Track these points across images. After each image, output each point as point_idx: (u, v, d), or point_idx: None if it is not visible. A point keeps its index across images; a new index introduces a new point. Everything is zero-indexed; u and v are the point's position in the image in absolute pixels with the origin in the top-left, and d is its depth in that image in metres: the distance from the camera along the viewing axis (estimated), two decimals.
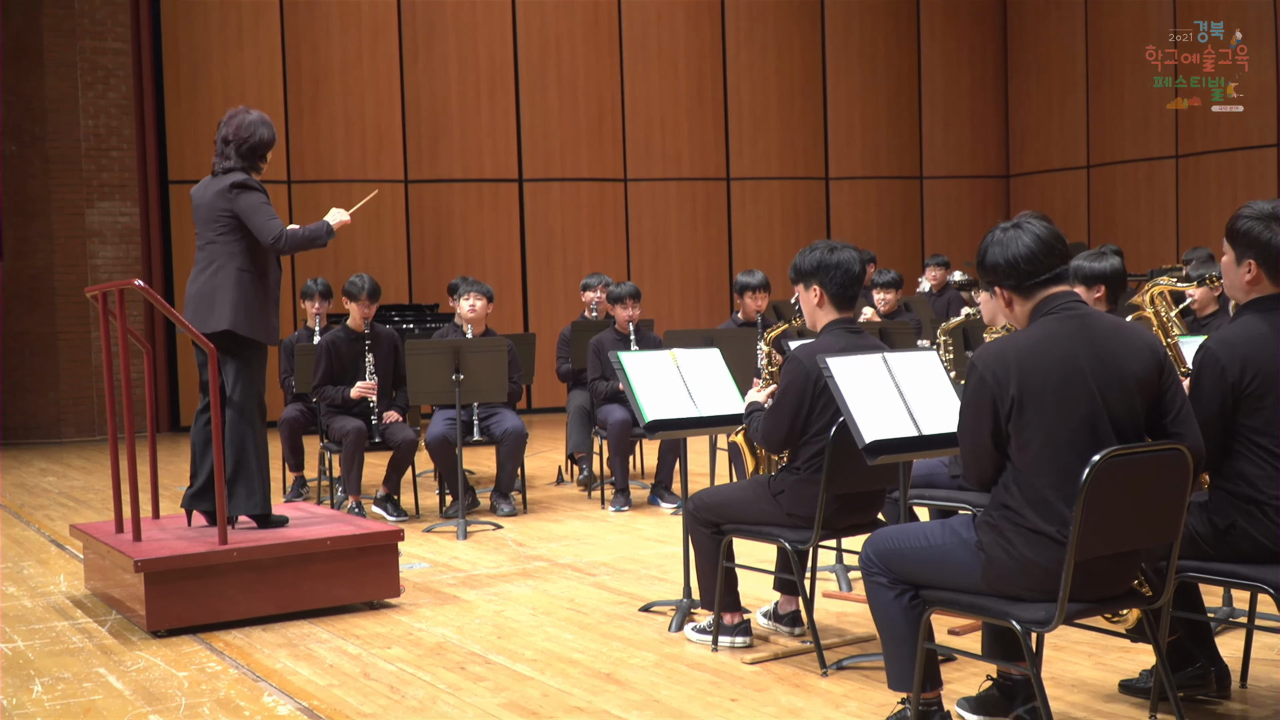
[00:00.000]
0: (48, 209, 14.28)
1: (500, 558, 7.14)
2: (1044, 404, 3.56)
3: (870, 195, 17.48)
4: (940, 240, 17.63)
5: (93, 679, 4.94)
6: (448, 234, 15.90)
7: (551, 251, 16.24)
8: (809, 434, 4.83)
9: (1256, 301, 4.07)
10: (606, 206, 16.46)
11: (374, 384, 8.28)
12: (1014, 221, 3.80)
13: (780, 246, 17.03)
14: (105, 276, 14.47)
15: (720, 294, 16.79)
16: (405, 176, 15.79)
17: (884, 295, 10.44)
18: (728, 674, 4.81)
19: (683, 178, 16.70)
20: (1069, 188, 17.19)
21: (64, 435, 14.29)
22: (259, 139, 6.10)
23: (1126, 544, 3.65)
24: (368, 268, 15.40)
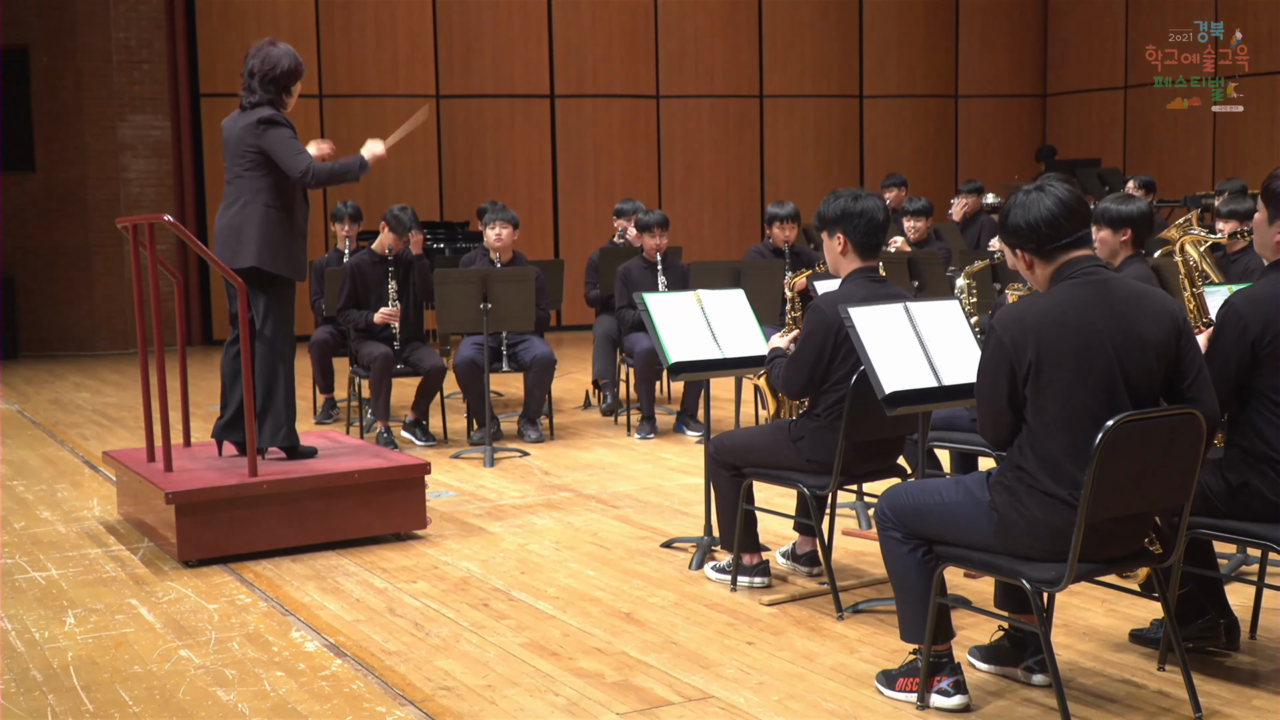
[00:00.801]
0: (79, 122, 14.34)
1: (526, 487, 7.24)
2: (1061, 369, 3.59)
3: (904, 114, 17.36)
4: (974, 161, 17.52)
5: (125, 610, 5.06)
6: (479, 150, 15.88)
7: (583, 168, 16.21)
8: (830, 382, 4.87)
9: None
10: (639, 123, 16.40)
11: (396, 310, 8.34)
12: (1037, 184, 3.80)
13: (813, 166, 16.97)
14: (137, 190, 14.59)
15: (751, 213, 16.76)
16: (437, 91, 15.75)
17: (914, 223, 10.41)
18: (745, 616, 4.90)
19: (716, 95, 16.62)
20: (1106, 108, 17.01)
21: (98, 348, 14.47)
22: (282, 70, 6.10)
23: (1138, 507, 3.70)
24: (399, 184, 15.47)
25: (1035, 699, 4.04)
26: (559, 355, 13.32)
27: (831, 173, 17.06)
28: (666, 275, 8.83)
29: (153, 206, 14.61)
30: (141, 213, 14.56)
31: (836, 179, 17.02)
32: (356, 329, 8.46)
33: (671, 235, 16.19)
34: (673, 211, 16.44)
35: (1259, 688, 4.12)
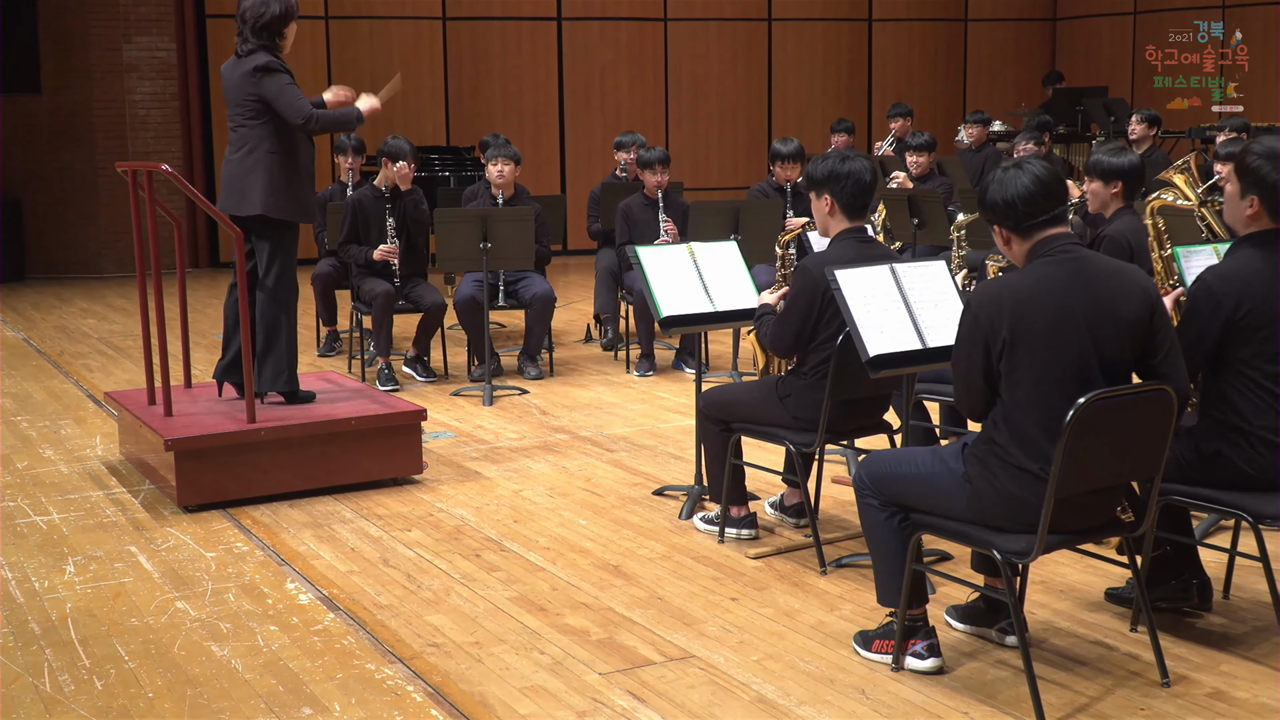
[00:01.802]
0: (85, 44, 14.29)
1: (523, 427, 7.33)
2: (1035, 346, 3.65)
3: (914, 38, 17.23)
4: (983, 86, 17.42)
5: (124, 558, 5.18)
6: (486, 74, 15.82)
7: (590, 93, 16.14)
8: (816, 341, 4.93)
9: (1255, 235, 4.13)
10: (646, 47, 16.30)
11: (395, 247, 8.37)
12: (1014, 161, 3.83)
13: (821, 91, 16.88)
14: (143, 112, 14.57)
15: (759, 139, 16.71)
16: (444, 14, 15.66)
17: (916, 158, 10.40)
18: (731, 569, 4.99)
19: (724, 18, 16.49)
20: (1115, 33, 16.86)
21: (105, 270, 14.53)
22: (270, 15, 6.09)
23: (1108, 480, 3.77)
24: (404, 109, 15.43)
25: (1008, 661, 4.13)
26: (564, 282, 13.43)
27: (840, 97, 16.97)
28: (668, 212, 8.84)
29: (158, 129, 14.62)
30: (148, 135, 14.62)
31: (845, 104, 16.94)
32: (357, 264, 8.52)
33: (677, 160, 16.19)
34: (679, 136, 16.43)
35: (1228, 651, 4.21)
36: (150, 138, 14.65)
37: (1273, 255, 4.05)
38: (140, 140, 14.58)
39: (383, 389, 8.22)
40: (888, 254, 5.00)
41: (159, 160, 14.66)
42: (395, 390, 8.22)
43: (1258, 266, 4.03)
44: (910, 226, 9.18)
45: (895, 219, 9.51)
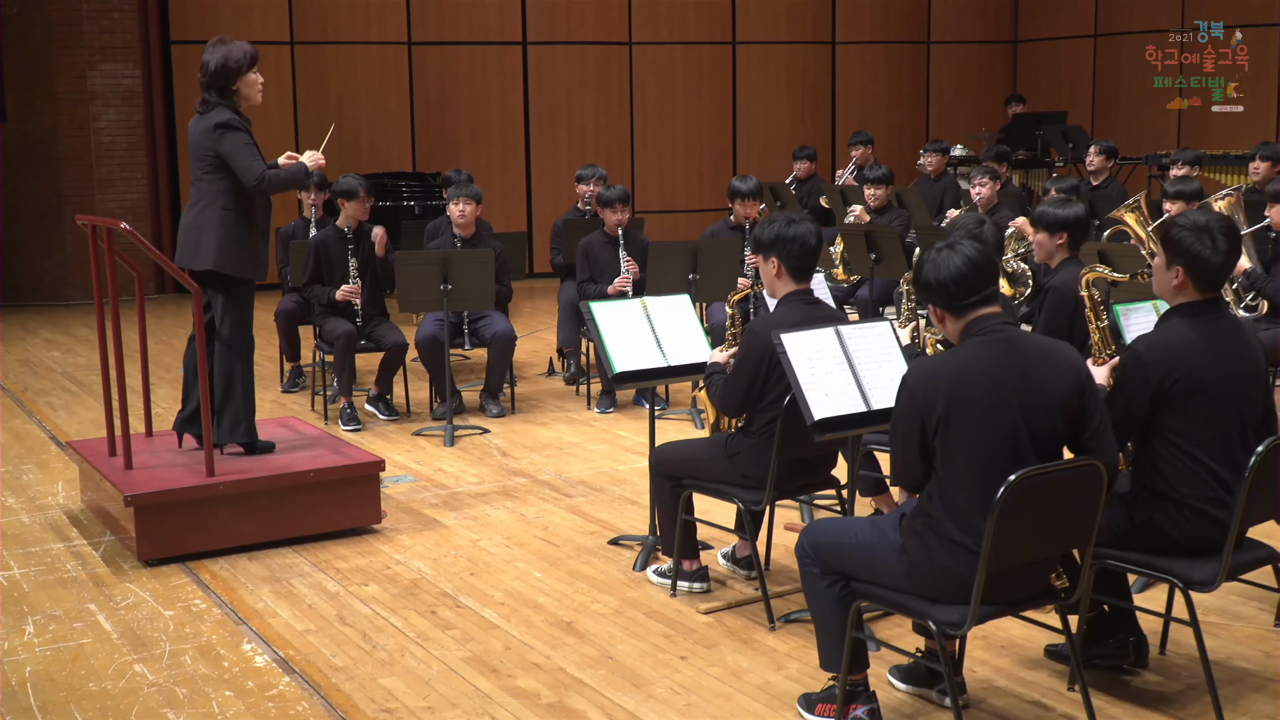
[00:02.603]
0: (50, 71, 14.31)
1: (483, 470, 7.42)
2: (969, 425, 3.76)
3: (877, 60, 17.38)
4: (946, 108, 17.59)
5: (83, 617, 5.24)
6: (452, 98, 15.90)
7: (555, 116, 16.24)
8: (764, 401, 5.03)
9: (1183, 307, 4.24)
10: (611, 70, 16.41)
11: (357, 288, 8.45)
12: (948, 241, 3.94)
13: (786, 113, 17.02)
14: (108, 139, 14.60)
15: (724, 161, 16.83)
16: (409, 38, 15.73)
17: (874, 191, 10.53)
18: (681, 625, 5.09)
19: (689, 41, 16.61)
20: (1076, 56, 17.05)
21: (70, 298, 14.54)
22: (216, 67, 6.15)
23: (1041, 553, 3.89)
24: (371, 132, 15.52)
25: None
26: (528, 308, 13.52)
27: (805, 119, 17.12)
28: (628, 250, 8.94)
29: (123, 156, 14.64)
30: (113, 162, 14.65)
31: (810, 126, 17.09)
32: (320, 304, 8.59)
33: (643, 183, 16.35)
34: (645, 159, 16.55)
35: (1162, 710, 4.34)
36: (115, 165, 14.68)
37: (1202, 326, 4.18)
38: (106, 167, 14.61)
39: (345, 429, 8.33)
40: (833, 315, 5.11)
41: (125, 187, 14.77)
42: (358, 430, 8.32)
43: (1187, 336, 4.15)
44: (868, 261, 9.30)
45: (853, 253, 9.64)
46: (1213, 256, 4.15)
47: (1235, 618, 5.07)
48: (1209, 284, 4.21)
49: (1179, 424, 4.15)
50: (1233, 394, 4.17)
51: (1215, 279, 4.21)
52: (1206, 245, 4.15)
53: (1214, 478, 4.15)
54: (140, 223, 14.91)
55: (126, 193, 14.80)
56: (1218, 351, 4.15)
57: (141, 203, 14.89)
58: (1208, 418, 4.14)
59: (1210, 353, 4.14)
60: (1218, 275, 4.20)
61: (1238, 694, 4.44)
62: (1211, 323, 4.20)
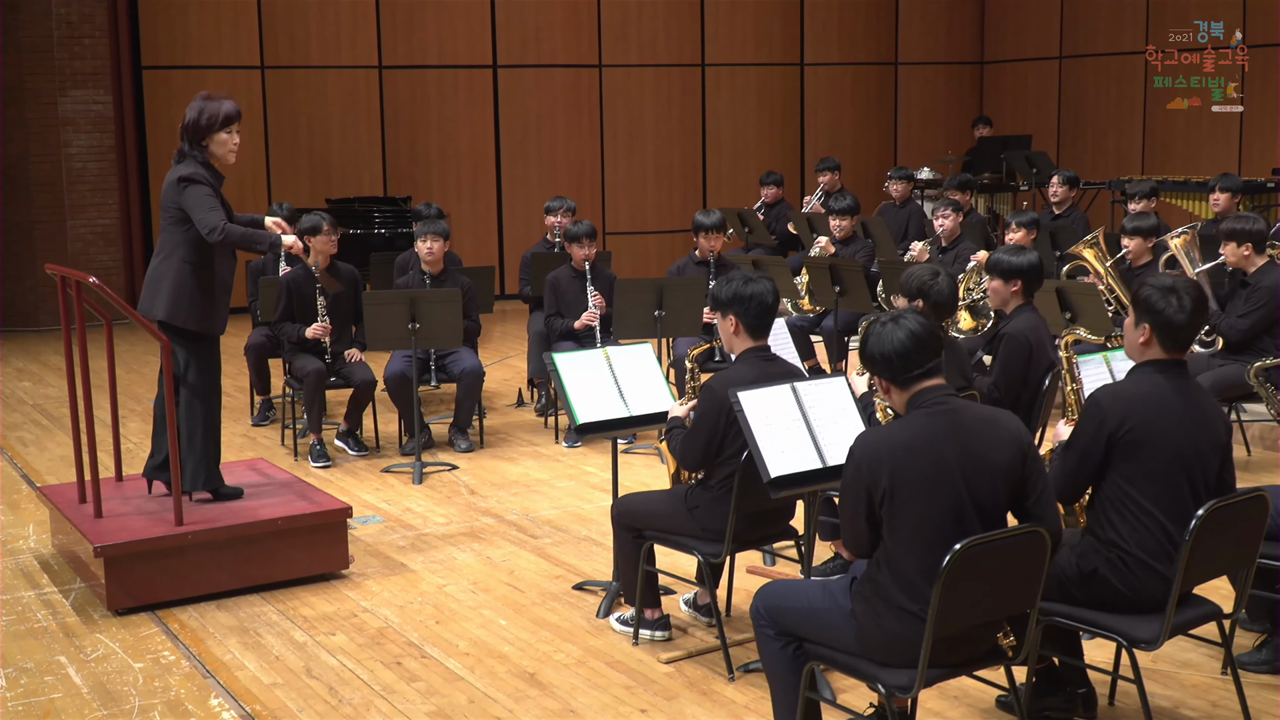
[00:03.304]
0: (21, 98, 14.32)
1: (451, 510, 7.50)
2: (914, 495, 3.87)
3: (845, 82, 17.51)
4: (914, 129, 17.73)
5: (54, 670, 5.31)
6: (422, 121, 15.98)
7: (526, 138, 16.33)
8: (722, 456, 5.14)
9: (1149, 363, 4.37)
10: (581, 93, 16.51)
11: (328, 326, 8.52)
12: (893, 315, 4.05)
13: (755, 134, 17.14)
14: (79, 165, 14.63)
15: (694, 182, 16.95)
16: (379, 62, 15.81)
17: (839, 221, 10.63)
18: (643, 676, 5.19)
19: (658, 64, 16.71)
20: (1041, 77, 17.22)
21: (42, 324, 14.55)
22: (190, 120, 6.22)
23: (986, 617, 4.00)
24: (341, 156, 15.59)
25: None
26: (499, 333, 13.60)
27: (774, 140, 17.24)
28: (595, 284, 9.05)
29: (95, 182, 14.67)
30: (85, 188, 14.67)
31: (779, 147, 17.22)
32: (290, 341, 8.66)
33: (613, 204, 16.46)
34: (615, 180, 16.65)
35: None
36: (87, 190, 14.71)
37: (1163, 383, 4.30)
38: (77, 193, 14.64)
39: (315, 465, 8.41)
40: (790, 372, 5.22)
41: (97, 212, 14.80)
42: (327, 466, 8.40)
43: (1147, 391, 4.28)
44: (832, 293, 9.42)
45: (818, 285, 9.77)
46: (1177, 315, 4.28)
47: (1184, 665, 5.19)
48: (1174, 343, 4.33)
49: (1130, 474, 4.25)
50: (1186, 453, 4.28)
51: (1180, 338, 4.33)
52: (1173, 305, 4.28)
53: (1163, 532, 4.26)
54: (111, 248, 14.97)
55: (98, 218, 14.83)
56: (1175, 410, 4.27)
57: (113, 228, 14.92)
58: (1159, 472, 4.25)
59: (1167, 409, 4.25)
60: (1182, 334, 4.32)
61: None
62: (1173, 382, 4.32)
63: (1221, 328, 7.76)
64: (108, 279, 14.97)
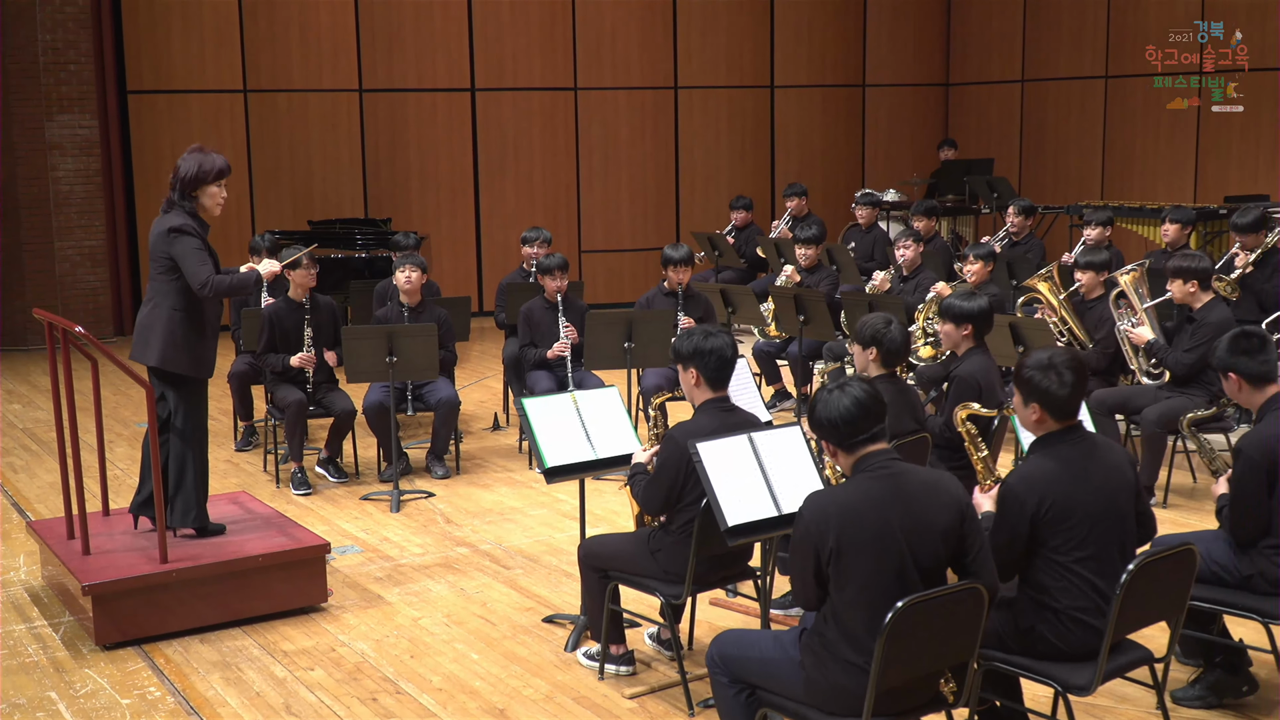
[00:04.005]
0: (8, 124, 14.42)
1: (427, 539, 7.64)
2: (859, 555, 4.03)
3: (815, 104, 17.68)
4: (881, 150, 17.92)
5: (45, 707, 5.45)
6: (402, 144, 16.11)
7: (504, 160, 16.47)
8: (683, 503, 5.30)
9: (1044, 438, 4.57)
10: (558, 115, 16.65)
11: (312, 356, 8.66)
12: (839, 383, 4.22)
13: (726, 155, 17.31)
14: (66, 188, 14.73)
15: (667, 202, 17.10)
16: (360, 86, 15.93)
17: (805, 251, 10.81)
18: (607, 712, 5.35)
19: (632, 86, 16.86)
20: (1004, 100, 17.42)
21: (30, 343, 14.64)
22: (186, 174, 6.34)
23: (927, 669, 4.17)
24: (323, 179, 15.70)
25: None
26: (478, 351, 13.74)
27: (746, 161, 17.41)
28: (567, 316, 9.20)
29: (82, 204, 14.77)
30: (72, 210, 14.77)
31: (750, 168, 17.39)
32: (273, 371, 8.79)
33: (589, 223, 16.61)
34: (591, 199, 16.81)
35: None
36: (74, 213, 14.81)
37: (1064, 453, 4.49)
38: (64, 215, 14.74)
39: (296, 493, 8.55)
40: (748, 422, 5.37)
41: (84, 234, 14.90)
42: (308, 494, 8.54)
43: (1052, 466, 4.46)
44: (797, 321, 9.59)
45: (783, 314, 9.94)
46: (1060, 390, 4.47)
47: (1121, 699, 5.37)
48: (1063, 414, 4.53)
49: (1058, 543, 4.44)
50: (1104, 511, 4.46)
51: (1068, 409, 4.52)
52: (1054, 381, 4.47)
53: (1092, 589, 4.44)
54: (99, 268, 15.07)
55: (85, 239, 14.93)
56: (1082, 474, 4.46)
57: (100, 249, 15.02)
58: (1083, 535, 4.43)
59: (1076, 477, 4.44)
60: (1068, 405, 4.51)
61: None
62: (1073, 448, 4.51)
63: (1168, 361, 7.95)
64: (95, 299, 15.12)
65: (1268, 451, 4.99)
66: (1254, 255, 9.36)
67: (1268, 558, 5.05)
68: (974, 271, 9.39)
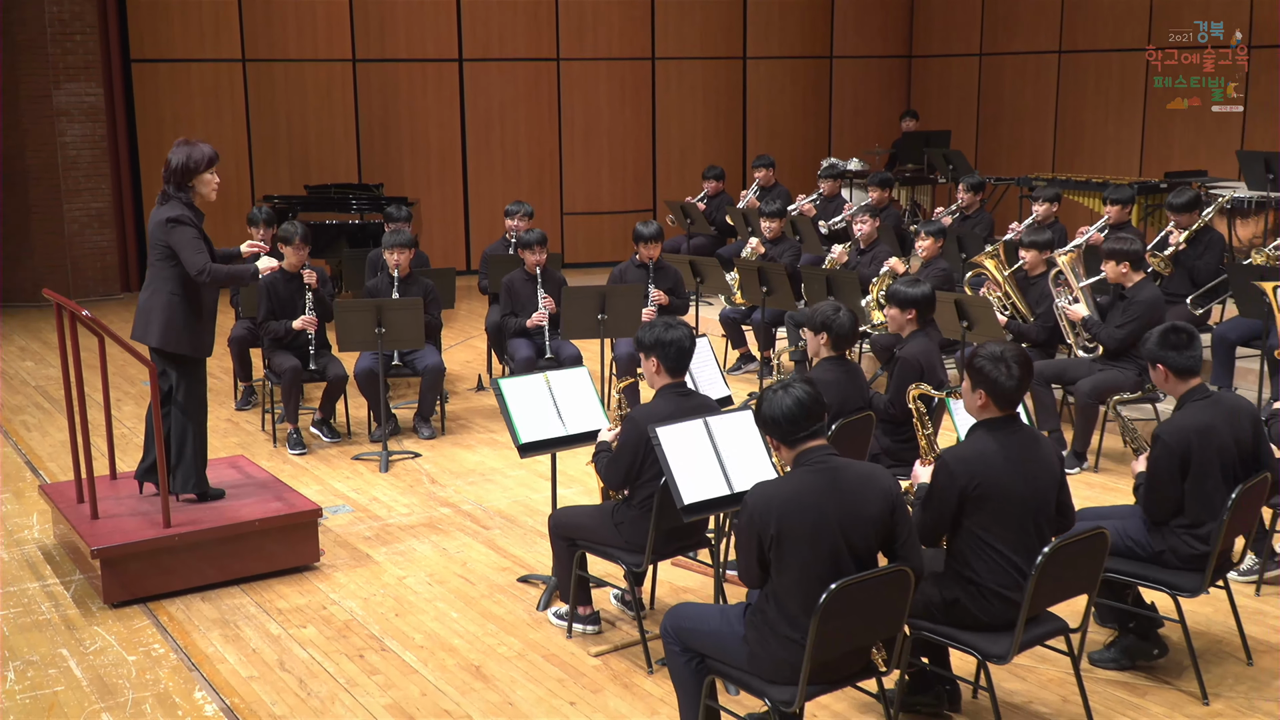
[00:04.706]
0: (17, 92, 14.44)
1: (413, 499, 7.83)
2: (797, 542, 4.23)
3: (784, 74, 17.74)
4: (848, 121, 18.01)
5: (57, 664, 5.63)
6: (394, 112, 16.15)
7: (490, 128, 16.53)
8: (642, 479, 5.49)
9: (986, 422, 4.74)
10: (541, 85, 16.70)
11: (314, 319, 8.83)
12: (783, 384, 4.40)
13: (701, 125, 17.38)
14: (74, 153, 14.76)
15: (644, 168, 17.20)
16: (353, 56, 15.94)
17: (769, 223, 10.96)
18: (573, 669, 5.56)
19: (612, 58, 16.90)
20: (963, 73, 17.51)
21: (41, 300, 14.71)
22: (178, 165, 6.43)
23: (859, 643, 4.38)
24: (319, 146, 15.75)
25: None
26: (465, 310, 13.87)
27: (719, 130, 17.49)
28: (545, 288, 9.35)
29: (88, 168, 14.82)
30: (79, 174, 14.81)
31: (723, 137, 17.48)
32: (274, 338, 8.94)
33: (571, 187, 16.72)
34: (573, 165, 16.89)
35: None
36: (81, 176, 14.86)
37: (1001, 439, 4.68)
38: (72, 179, 14.79)
39: (292, 452, 8.72)
40: (703, 406, 5.55)
41: (91, 196, 14.95)
42: (303, 454, 8.71)
43: (989, 448, 4.65)
44: (760, 292, 9.76)
45: (747, 284, 10.10)
46: (1007, 381, 4.65)
47: (1041, 659, 5.59)
48: (1007, 403, 4.71)
49: (982, 521, 4.64)
50: (1027, 496, 4.67)
51: (1011, 399, 4.70)
52: (1002, 372, 4.65)
53: (1012, 566, 4.66)
54: (106, 229, 15.13)
55: (92, 201, 14.99)
56: (1014, 460, 4.65)
57: (107, 210, 15.08)
58: (1006, 516, 4.64)
59: (1008, 462, 4.64)
60: (1013, 396, 4.69)
61: None
62: (1009, 435, 4.70)
63: (1102, 336, 8.14)
64: (103, 258, 15.19)
65: (1183, 440, 5.20)
66: (1186, 234, 9.53)
67: (1178, 536, 5.27)
68: (925, 247, 9.56)
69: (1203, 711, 5.17)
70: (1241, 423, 5.29)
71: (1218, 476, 5.21)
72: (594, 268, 16.49)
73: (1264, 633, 5.87)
